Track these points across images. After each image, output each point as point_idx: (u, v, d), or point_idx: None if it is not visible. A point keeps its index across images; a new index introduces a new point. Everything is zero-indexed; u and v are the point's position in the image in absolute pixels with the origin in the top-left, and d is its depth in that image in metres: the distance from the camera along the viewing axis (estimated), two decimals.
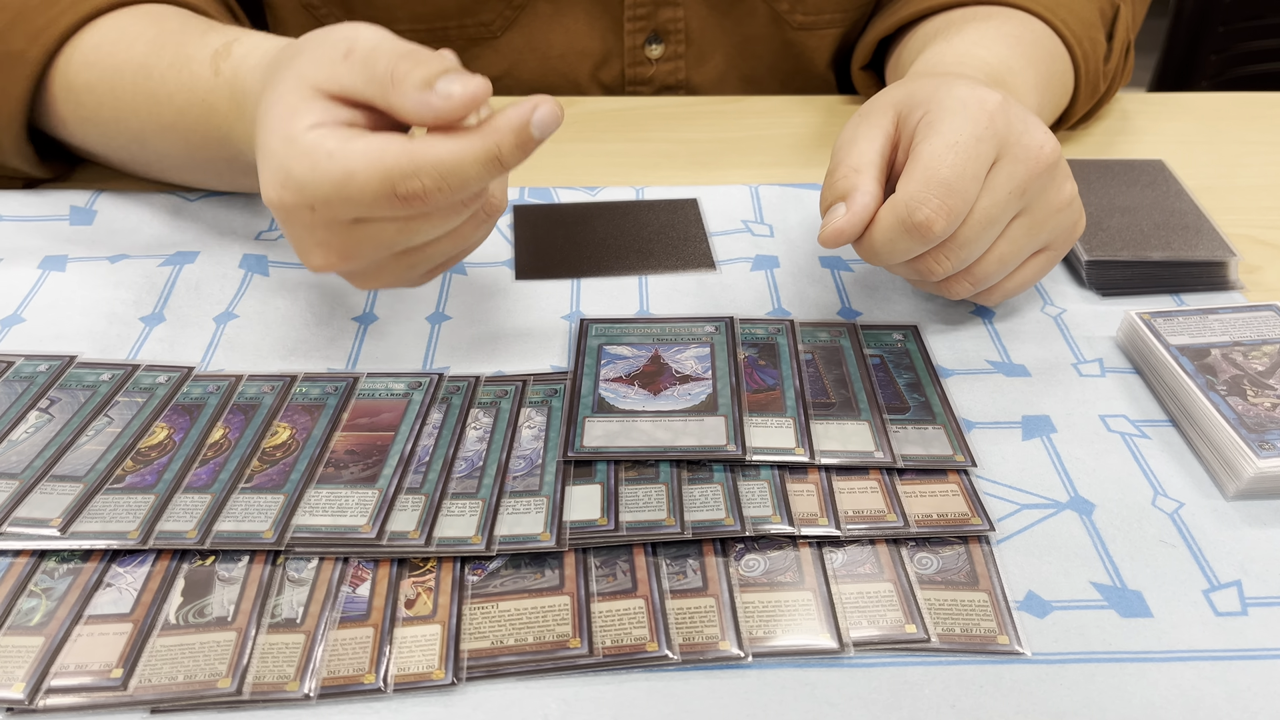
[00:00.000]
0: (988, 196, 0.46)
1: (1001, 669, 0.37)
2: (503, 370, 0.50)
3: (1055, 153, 0.47)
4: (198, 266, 0.56)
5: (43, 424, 0.45)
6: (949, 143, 0.44)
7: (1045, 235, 0.49)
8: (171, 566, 0.39)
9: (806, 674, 0.36)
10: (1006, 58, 0.59)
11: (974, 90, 0.46)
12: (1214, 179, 0.67)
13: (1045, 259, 0.51)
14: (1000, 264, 0.49)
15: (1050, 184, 0.48)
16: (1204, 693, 0.36)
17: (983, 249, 0.47)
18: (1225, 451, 0.44)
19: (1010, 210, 0.47)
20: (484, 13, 0.72)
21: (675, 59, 0.77)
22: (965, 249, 0.47)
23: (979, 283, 0.49)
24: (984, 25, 0.62)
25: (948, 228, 0.44)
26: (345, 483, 0.42)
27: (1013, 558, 0.41)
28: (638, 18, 0.74)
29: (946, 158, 0.44)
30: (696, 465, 0.44)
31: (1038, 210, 0.48)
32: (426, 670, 0.36)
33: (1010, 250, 0.48)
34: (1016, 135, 0.46)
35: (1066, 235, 0.50)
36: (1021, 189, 0.46)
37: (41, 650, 0.36)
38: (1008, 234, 0.48)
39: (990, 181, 0.46)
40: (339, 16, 0.73)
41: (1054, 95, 0.64)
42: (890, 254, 0.46)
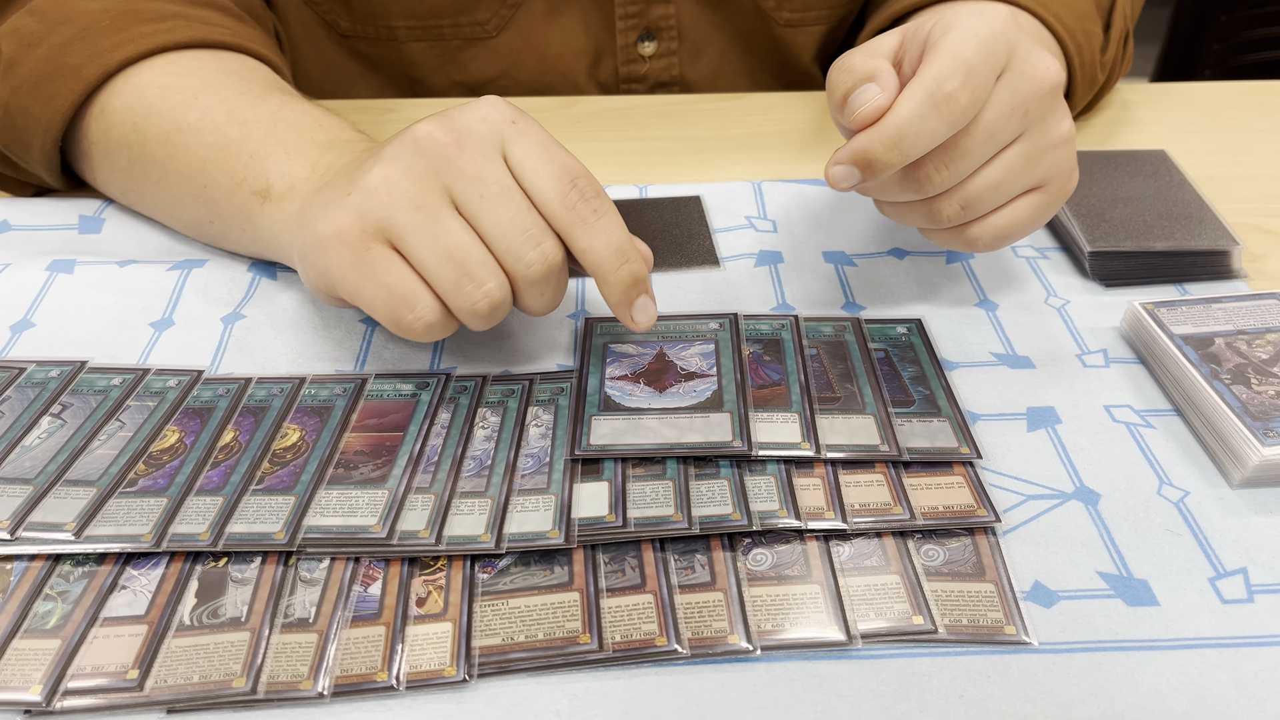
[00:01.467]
0: (992, 109, 0.45)
1: (1009, 659, 0.37)
2: (509, 370, 0.50)
3: (1059, 77, 0.46)
4: (206, 271, 0.57)
5: (55, 429, 0.46)
6: (971, 31, 0.45)
7: (1041, 170, 0.48)
8: (185, 568, 0.40)
9: (815, 666, 0.37)
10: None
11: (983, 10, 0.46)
12: (1217, 168, 0.67)
13: (1037, 201, 0.49)
14: (993, 189, 0.48)
15: (1051, 112, 0.47)
16: (1211, 680, 0.36)
17: (978, 164, 0.47)
18: (1230, 440, 0.44)
19: (1011, 127, 0.46)
20: (479, 11, 0.73)
21: (669, 55, 0.77)
22: (964, 159, 0.46)
23: (969, 206, 0.48)
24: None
25: (971, 104, 0.44)
26: (355, 483, 0.43)
27: (1019, 548, 0.41)
28: (629, 15, 0.74)
29: (970, 43, 0.44)
30: (703, 461, 0.44)
31: (1036, 138, 0.47)
32: (438, 667, 0.36)
33: (1004, 177, 0.48)
34: (1025, 52, 0.46)
35: (1062, 179, 0.49)
36: (1024, 108, 0.46)
37: (58, 653, 0.37)
38: (1003, 157, 0.47)
39: (995, 93, 0.45)
40: (339, 13, 0.73)
41: None
42: (917, 131, 0.44)
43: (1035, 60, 0.46)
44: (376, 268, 0.43)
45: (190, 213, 0.57)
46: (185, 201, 0.56)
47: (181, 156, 0.54)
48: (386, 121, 0.72)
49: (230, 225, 0.55)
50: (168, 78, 0.55)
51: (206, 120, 0.54)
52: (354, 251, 0.43)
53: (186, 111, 0.54)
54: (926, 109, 0.44)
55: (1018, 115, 0.46)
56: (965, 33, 0.45)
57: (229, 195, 0.53)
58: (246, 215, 0.53)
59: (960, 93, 0.44)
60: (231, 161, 0.53)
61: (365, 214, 0.43)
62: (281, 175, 0.51)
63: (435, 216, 0.43)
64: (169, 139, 0.54)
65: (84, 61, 0.55)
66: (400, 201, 0.42)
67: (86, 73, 0.55)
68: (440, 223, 0.43)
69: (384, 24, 0.74)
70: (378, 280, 0.43)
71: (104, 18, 0.56)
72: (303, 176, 0.50)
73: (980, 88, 0.44)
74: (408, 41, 0.74)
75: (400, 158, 0.43)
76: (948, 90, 0.44)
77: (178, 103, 0.54)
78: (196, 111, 0.54)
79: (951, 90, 0.44)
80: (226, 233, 0.56)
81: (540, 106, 0.74)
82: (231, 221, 0.54)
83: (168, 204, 0.58)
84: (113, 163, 0.58)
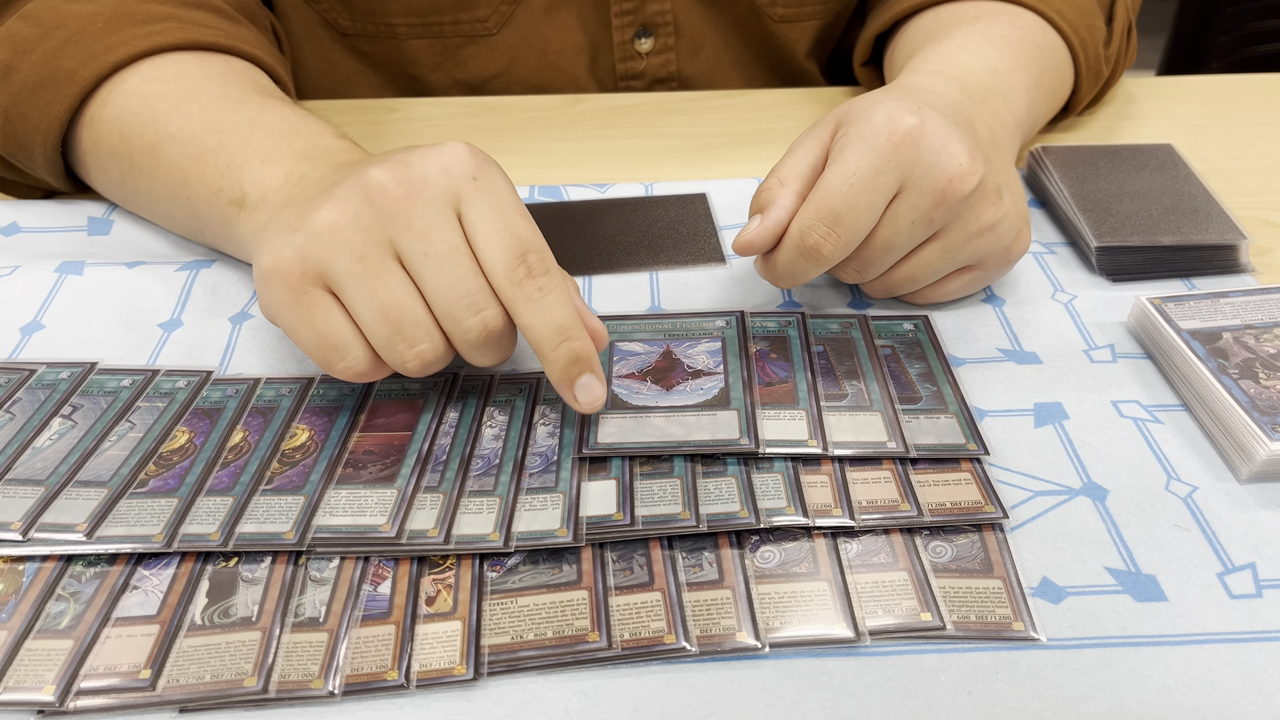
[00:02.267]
0: (889, 225, 0.47)
1: (1017, 655, 0.37)
2: (516, 369, 0.50)
3: (965, 183, 0.46)
4: (213, 272, 0.57)
5: (66, 430, 0.46)
6: (845, 174, 0.46)
7: (965, 257, 0.50)
8: (196, 568, 0.40)
9: (823, 663, 0.37)
10: (993, 61, 0.58)
11: (891, 117, 0.47)
12: (1223, 162, 0.66)
13: (971, 277, 0.52)
14: (912, 280, 0.51)
15: (965, 211, 0.48)
16: (1219, 675, 0.36)
17: (887, 266, 0.50)
18: (1238, 435, 0.44)
19: (916, 236, 0.48)
20: (478, 8, 0.73)
21: (666, 51, 0.77)
22: (870, 267, 0.50)
23: (894, 290, 0.53)
24: (971, 27, 0.61)
25: (836, 252, 0.47)
26: (364, 483, 0.43)
27: (1027, 544, 0.41)
28: (625, 12, 0.74)
29: (839, 189, 0.46)
30: (710, 459, 0.44)
31: (952, 235, 0.49)
32: (448, 666, 0.36)
33: (923, 270, 0.50)
34: (925, 167, 0.46)
35: (995, 257, 0.51)
36: (927, 219, 0.47)
37: (71, 653, 0.37)
38: (919, 255, 0.50)
39: (893, 210, 0.47)
40: (339, 11, 0.73)
41: (1047, 92, 0.63)
42: (790, 273, 0.49)
43: (936, 174, 0.46)
44: (312, 312, 0.42)
45: (182, 222, 0.57)
46: (174, 212, 0.57)
47: (165, 167, 0.54)
48: (390, 121, 0.72)
49: (216, 235, 0.55)
50: (151, 84, 0.55)
51: (186, 130, 0.54)
52: (292, 292, 0.42)
53: (168, 121, 0.54)
54: (794, 256, 0.47)
55: (921, 226, 0.48)
56: (841, 174, 0.46)
57: (209, 205, 0.53)
58: (226, 224, 0.53)
59: (822, 245, 0.46)
60: (209, 172, 0.52)
61: (307, 257, 0.42)
62: (255, 184, 0.51)
63: (375, 270, 0.42)
64: (153, 150, 0.55)
65: (78, 65, 0.55)
66: (343, 249, 0.42)
67: (81, 76, 0.55)
68: (379, 276, 0.42)
69: (384, 21, 0.74)
70: (311, 324, 0.42)
71: (96, 20, 0.56)
72: (275, 186, 0.50)
73: (849, 234, 0.46)
74: (408, 39, 0.74)
75: (349, 202, 0.42)
76: (809, 243, 0.47)
77: (160, 111, 0.54)
78: (177, 121, 0.54)
79: (812, 244, 0.47)
80: (216, 242, 0.56)
81: (544, 105, 0.74)
82: (216, 231, 0.55)
83: (163, 214, 0.58)
84: (107, 173, 0.58)
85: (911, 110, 0.47)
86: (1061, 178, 0.61)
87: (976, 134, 0.50)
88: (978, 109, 0.54)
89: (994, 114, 0.55)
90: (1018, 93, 0.58)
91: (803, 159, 0.49)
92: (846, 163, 0.46)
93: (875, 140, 0.46)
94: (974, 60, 0.58)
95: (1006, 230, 0.50)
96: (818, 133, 0.50)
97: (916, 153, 0.46)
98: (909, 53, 0.63)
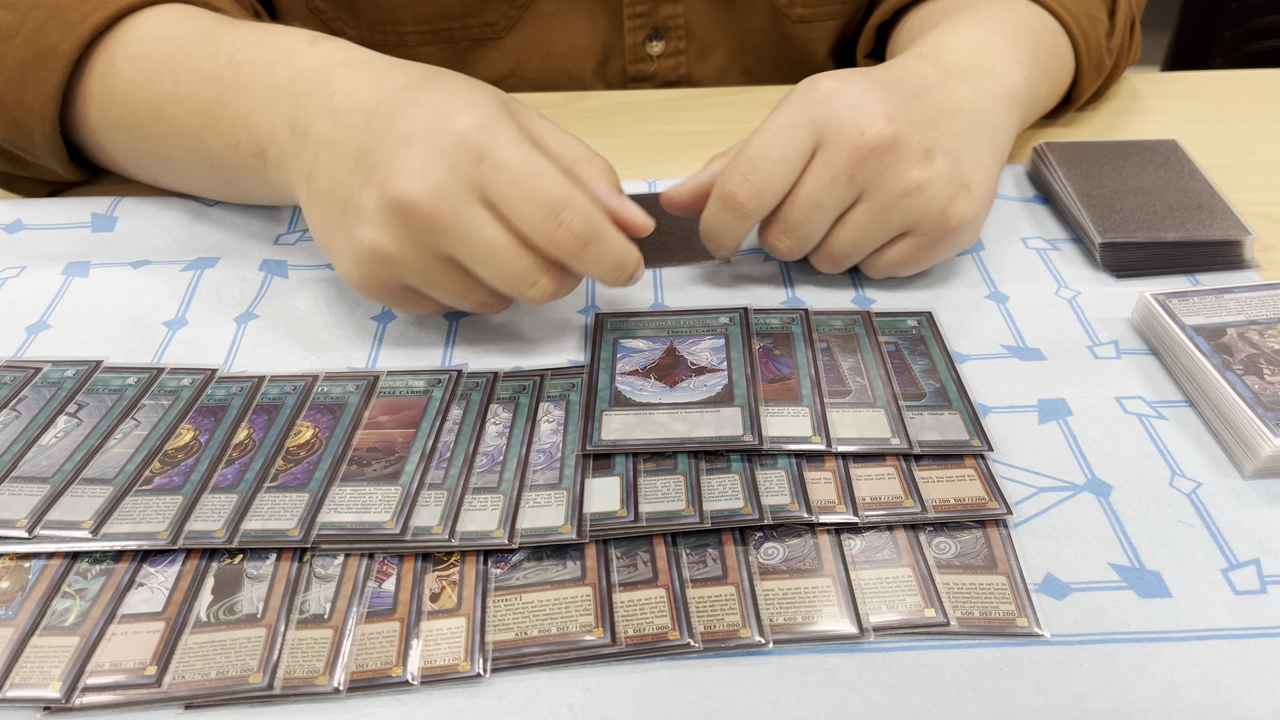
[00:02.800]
0: (809, 181, 0.49)
1: (1021, 651, 0.37)
2: (520, 365, 0.50)
3: (881, 136, 0.48)
4: (218, 271, 0.57)
5: (71, 428, 0.46)
6: (762, 129, 0.49)
7: (898, 220, 0.50)
8: (201, 565, 0.40)
9: (827, 659, 0.37)
10: (978, 39, 0.58)
11: (814, 81, 0.50)
12: (1228, 158, 0.66)
13: (912, 243, 0.52)
14: (852, 246, 0.52)
15: (888, 169, 0.49)
16: (1223, 671, 0.36)
17: (820, 230, 0.51)
18: (1242, 430, 0.44)
19: (840, 195, 0.49)
20: (488, 13, 0.73)
21: (676, 55, 0.77)
22: (800, 229, 0.51)
23: (839, 262, 0.53)
24: (961, 15, 0.61)
25: (751, 200, 0.49)
26: (368, 480, 0.43)
27: (1030, 541, 0.41)
28: (638, 15, 0.74)
29: (755, 140, 0.49)
30: (714, 456, 0.44)
31: (878, 195, 0.49)
32: (453, 662, 0.37)
33: (859, 235, 0.51)
34: (839, 122, 0.48)
35: (930, 220, 0.50)
36: (847, 174, 0.48)
37: (77, 650, 0.37)
38: (851, 218, 0.51)
39: (811, 167, 0.49)
40: (346, 20, 0.74)
41: (1046, 69, 0.63)
42: (714, 227, 0.51)
43: (849, 128, 0.48)
44: (420, 304, 0.49)
45: (208, 180, 0.58)
46: (198, 170, 0.57)
47: (177, 127, 0.55)
48: None
49: (247, 186, 0.56)
50: (135, 47, 0.56)
51: (184, 87, 0.54)
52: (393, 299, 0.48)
53: (163, 82, 0.54)
54: (716, 208, 0.50)
55: (841, 182, 0.49)
56: (759, 129, 0.49)
57: (232, 158, 0.54)
58: (254, 174, 0.54)
59: (737, 192, 0.49)
60: (220, 126, 0.53)
61: (382, 279, 0.47)
62: (269, 137, 0.52)
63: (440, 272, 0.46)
64: (160, 113, 0.55)
65: (59, 39, 0.56)
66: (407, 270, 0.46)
67: (63, 49, 0.55)
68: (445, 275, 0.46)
69: (394, 30, 0.74)
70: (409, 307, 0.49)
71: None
72: (286, 138, 0.50)
73: (762, 181, 0.49)
74: (418, 46, 0.74)
75: (388, 227, 0.44)
76: (725, 191, 0.50)
77: (153, 73, 0.55)
78: (170, 80, 0.54)
79: (728, 191, 0.49)
80: (249, 191, 0.57)
81: (548, 102, 0.74)
82: (246, 182, 0.56)
83: (188, 175, 0.58)
84: (121, 146, 0.59)
85: (836, 76, 0.50)
86: (1065, 173, 0.61)
87: (920, 99, 0.51)
88: (949, 82, 0.54)
89: (976, 87, 0.55)
90: (1009, 66, 0.58)
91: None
92: (765, 122, 0.49)
93: (793, 99, 0.49)
94: (956, 40, 0.58)
95: (937, 192, 0.50)
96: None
97: (830, 109, 0.48)
98: (907, 43, 0.63)
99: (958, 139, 0.51)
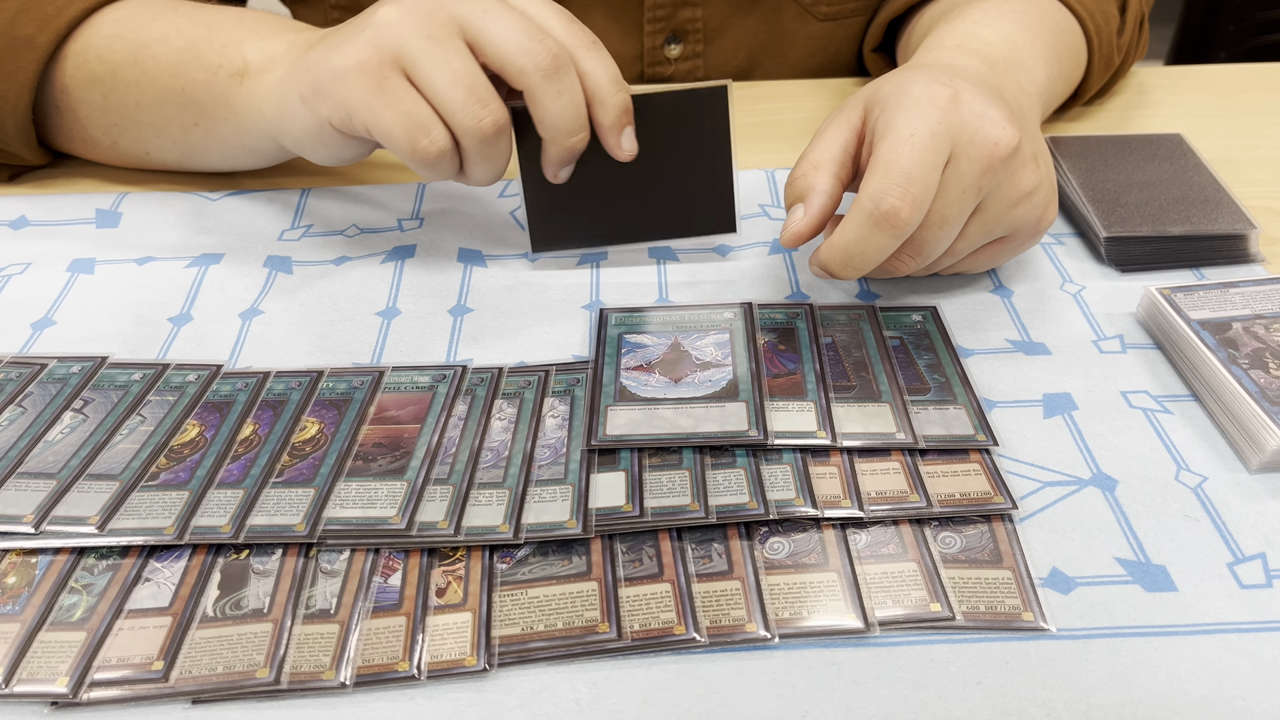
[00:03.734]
0: (941, 198, 0.46)
1: (1027, 645, 0.37)
2: (525, 361, 0.50)
3: (1009, 146, 0.46)
4: (223, 267, 0.57)
5: (77, 424, 0.46)
6: (904, 137, 0.45)
7: (1002, 228, 0.50)
8: (207, 561, 0.40)
9: (833, 654, 0.37)
10: (1009, 33, 0.58)
11: (928, 87, 0.46)
12: (1233, 152, 0.66)
13: (1001, 248, 0.52)
14: (952, 254, 0.50)
15: (1007, 178, 0.47)
16: (1229, 665, 0.36)
17: (945, 245, 0.48)
18: (1248, 425, 0.44)
19: (966, 208, 0.47)
20: None
21: (693, 58, 0.77)
22: (927, 246, 0.47)
23: (932, 267, 0.52)
24: (985, 5, 0.61)
25: (913, 215, 0.44)
26: (374, 475, 0.43)
27: (1036, 535, 0.41)
28: (657, 19, 0.74)
29: (904, 150, 0.44)
30: (719, 450, 0.44)
31: (993, 206, 0.48)
32: (459, 657, 0.37)
33: (963, 244, 0.50)
34: (970, 132, 0.45)
35: (1028, 228, 0.50)
36: (977, 187, 0.46)
37: (84, 645, 0.37)
38: (964, 231, 0.49)
39: (945, 182, 0.46)
40: None
41: (1065, 66, 0.63)
42: (864, 250, 0.46)
43: (981, 139, 0.46)
44: (395, 94, 0.47)
45: (174, 125, 0.58)
46: (167, 114, 0.57)
47: (153, 68, 0.55)
48: None
49: (213, 120, 0.56)
50: (122, 11, 0.57)
51: (171, 29, 0.55)
52: (374, 79, 0.47)
53: (148, 30, 0.55)
54: (868, 229, 0.45)
55: (970, 194, 0.46)
56: (900, 138, 0.45)
57: (207, 89, 0.54)
58: (225, 101, 0.54)
59: (900, 207, 0.44)
60: (205, 54, 0.54)
61: (381, 45, 0.47)
62: (259, 52, 0.53)
63: (445, 45, 0.46)
64: (137, 59, 0.56)
65: (35, 31, 0.56)
66: (412, 33, 0.46)
67: (39, 41, 0.56)
68: (450, 49, 0.46)
69: None
70: (396, 106, 0.47)
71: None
72: (281, 49, 0.52)
73: (922, 193, 0.44)
74: None
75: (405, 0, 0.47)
76: (886, 208, 0.44)
77: (138, 26, 0.56)
78: (159, 26, 0.55)
79: (889, 207, 0.44)
80: (211, 130, 0.57)
81: None
82: (213, 115, 0.56)
83: (151, 124, 0.59)
84: (89, 104, 0.59)
85: (944, 82, 0.47)
86: (1070, 168, 0.61)
87: (1006, 101, 0.50)
88: (1001, 79, 0.53)
89: (1016, 84, 0.55)
90: (1037, 63, 0.58)
91: (834, 141, 0.48)
92: (901, 129, 0.45)
93: (922, 106, 0.45)
94: (990, 33, 0.58)
95: (1042, 198, 0.49)
96: (846, 115, 0.49)
97: (961, 118, 0.46)
98: (923, 34, 0.62)
99: (1038, 140, 0.51)
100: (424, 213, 0.62)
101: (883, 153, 0.45)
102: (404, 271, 0.57)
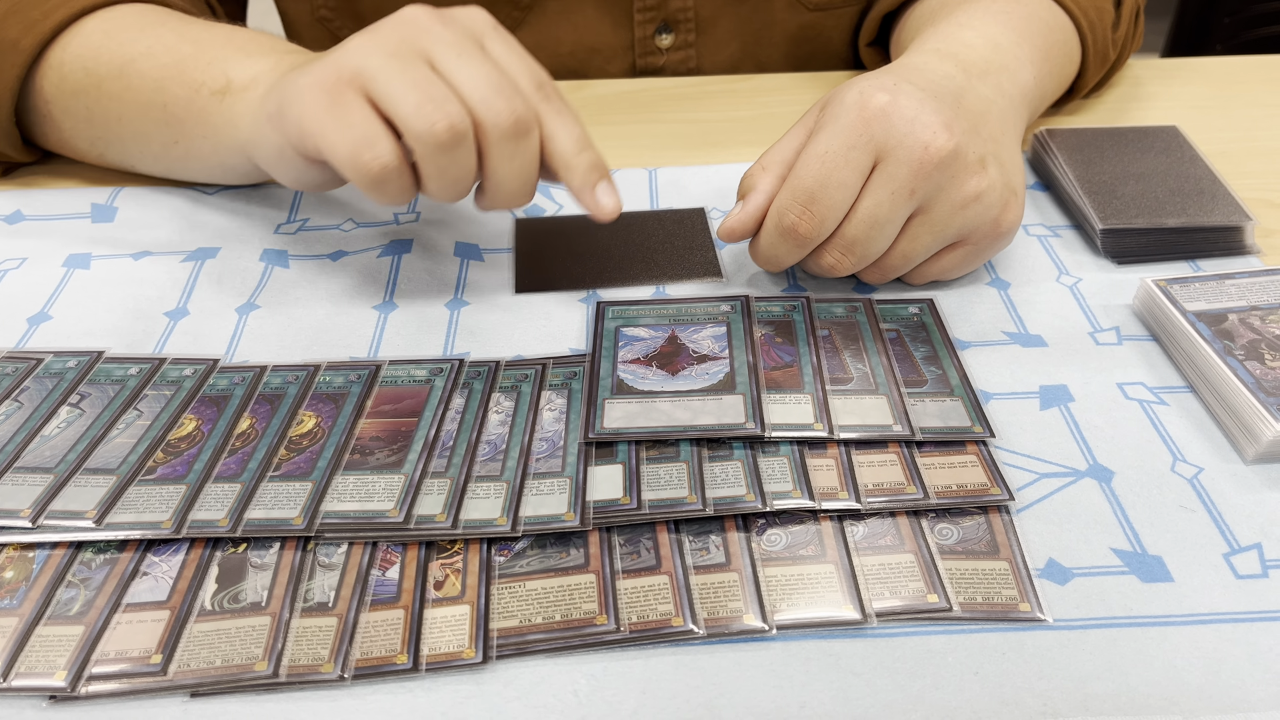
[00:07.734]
0: (869, 198, 0.48)
1: (1024, 635, 0.37)
2: (522, 354, 0.50)
3: (941, 150, 0.46)
4: (219, 261, 0.57)
5: (74, 419, 0.46)
6: (818, 153, 0.47)
7: (953, 231, 0.50)
8: (205, 554, 0.40)
9: (830, 645, 0.37)
10: (994, 34, 0.58)
11: (863, 94, 0.48)
12: (1229, 144, 0.66)
13: (962, 252, 0.52)
14: (905, 259, 0.51)
15: (948, 182, 0.48)
16: (1225, 654, 0.36)
17: (881, 246, 0.50)
18: (1244, 416, 0.44)
19: (900, 209, 0.48)
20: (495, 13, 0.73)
21: (685, 48, 0.77)
22: (859, 246, 0.49)
23: (888, 274, 0.52)
24: (974, 5, 0.61)
25: (812, 231, 0.48)
26: (371, 469, 0.43)
27: (1033, 526, 0.41)
28: (648, 8, 0.74)
29: (813, 167, 0.47)
30: (716, 443, 0.44)
31: (936, 208, 0.49)
32: (457, 649, 0.37)
33: (914, 247, 0.50)
34: (899, 138, 0.46)
35: (986, 231, 0.50)
36: (907, 189, 0.47)
37: (82, 639, 0.37)
38: (908, 231, 0.50)
39: (871, 184, 0.47)
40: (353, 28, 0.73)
41: (1055, 65, 0.63)
42: (776, 255, 0.50)
43: (911, 143, 0.47)
44: (345, 109, 0.44)
45: (154, 140, 0.58)
46: (148, 129, 0.57)
47: (137, 84, 0.55)
48: None
49: (191, 137, 0.56)
50: (111, 23, 0.56)
51: (158, 44, 0.55)
52: (327, 95, 0.45)
53: (134, 44, 0.55)
54: (775, 238, 0.49)
55: (902, 196, 0.47)
56: (812, 154, 0.47)
57: (188, 105, 0.54)
58: (205, 118, 0.54)
59: (798, 224, 0.48)
60: (189, 72, 0.54)
61: (343, 65, 0.45)
62: (242, 71, 0.52)
63: (407, 63, 0.45)
64: (122, 72, 0.55)
65: (20, 35, 0.56)
66: (376, 52, 0.45)
67: (24, 45, 0.56)
68: (411, 67, 0.45)
69: None
70: (342, 119, 0.44)
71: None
72: (265, 69, 0.51)
73: (825, 209, 0.47)
74: None
75: (381, 29, 0.46)
76: (786, 223, 0.48)
77: (125, 39, 0.55)
78: (146, 40, 0.55)
79: (789, 224, 0.48)
80: (190, 148, 0.57)
81: None
82: (192, 132, 0.55)
83: (134, 138, 0.58)
84: (73, 115, 0.59)
85: (884, 88, 0.48)
86: (1066, 160, 0.61)
87: (962, 106, 0.50)
88: (973, 83, 0.53)
89: (995, 87, 0.54)
90: (1022, 65, 0.58)
91: (787, 144, 0.50)
92: (818, 143, 0.47)
93: (846, 118, 0.47)
94: (973, 35, 0.58)
95: (993, 200, 0.49)
96: (805, 119, 0.51)
97: (889, 125, 0.47)
98: (912, 34, 0.62)
99: (997, 144, 0.51)
100: (420, 207, 0.62)
101: (797, 167, 0.48)
102: (401, 265, 0.57)
